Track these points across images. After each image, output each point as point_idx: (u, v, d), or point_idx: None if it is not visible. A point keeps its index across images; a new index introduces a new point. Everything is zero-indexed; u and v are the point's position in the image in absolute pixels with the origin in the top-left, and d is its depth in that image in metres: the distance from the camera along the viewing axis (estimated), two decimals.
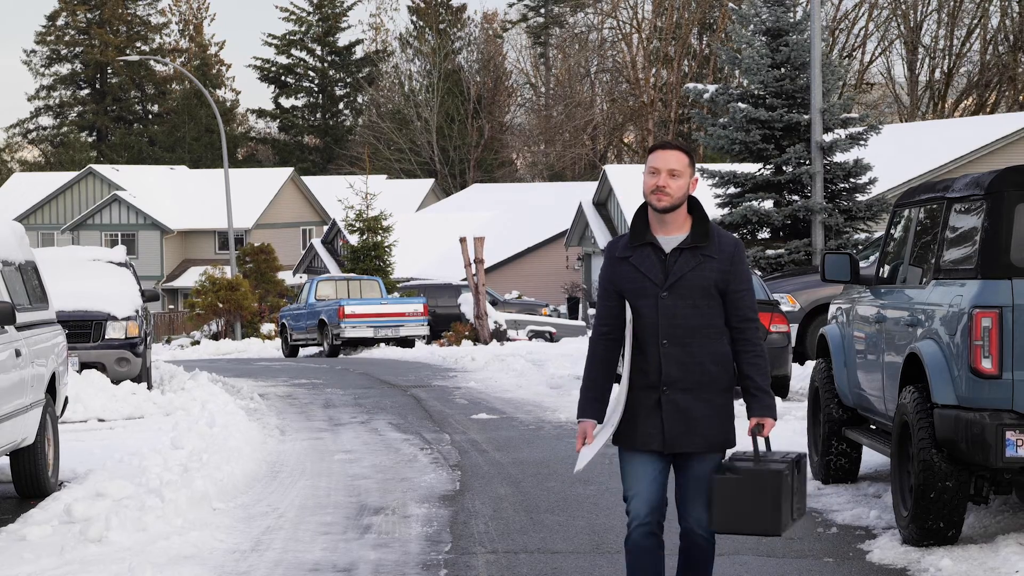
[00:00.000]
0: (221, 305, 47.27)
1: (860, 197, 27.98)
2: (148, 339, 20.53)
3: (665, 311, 6.47)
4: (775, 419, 6.55)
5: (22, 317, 11.87)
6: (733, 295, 6.54)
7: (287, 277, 58.94)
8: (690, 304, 6.47)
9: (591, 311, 48.92)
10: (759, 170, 28.45)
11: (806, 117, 27.25)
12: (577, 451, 6.65)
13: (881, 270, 11.04)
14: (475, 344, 34.89)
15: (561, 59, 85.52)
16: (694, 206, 6.59)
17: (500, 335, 36.90)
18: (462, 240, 37.59)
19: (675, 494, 6.72)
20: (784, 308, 20.51)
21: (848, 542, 9.72)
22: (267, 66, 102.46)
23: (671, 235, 6.55)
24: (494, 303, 43.64)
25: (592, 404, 6.64)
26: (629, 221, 6.90)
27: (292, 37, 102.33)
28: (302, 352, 38.83)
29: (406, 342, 36.39)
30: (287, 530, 10.45)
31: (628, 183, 50.72)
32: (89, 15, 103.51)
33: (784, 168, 27.96)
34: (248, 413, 18.20)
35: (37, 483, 12.09)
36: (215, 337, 48.23)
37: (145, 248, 77.67)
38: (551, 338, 41.85)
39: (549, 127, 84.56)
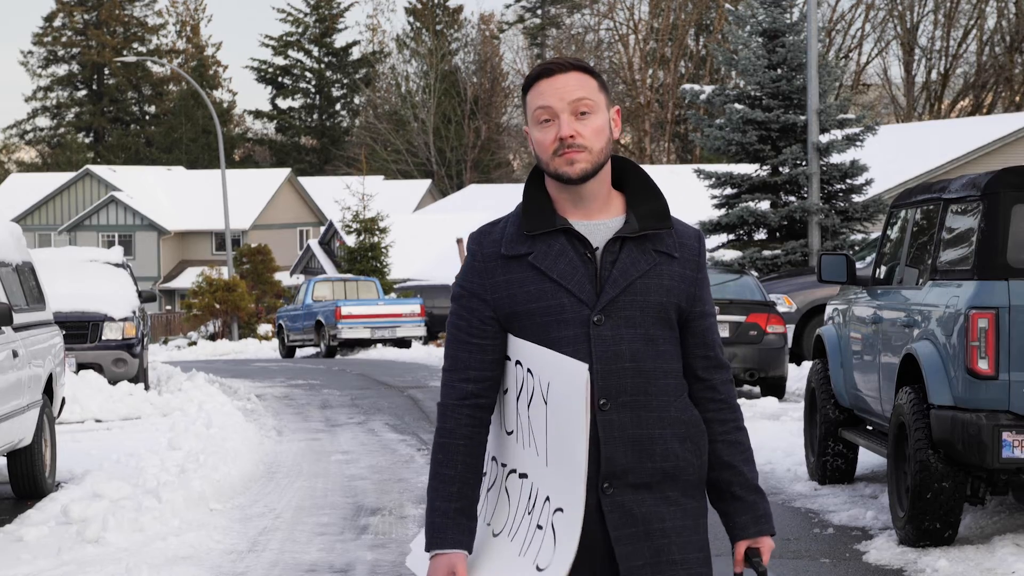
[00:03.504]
0: (218, 306, 47.28)
1: (856, 198, 28.00)
2: (145, 340, 20.55)
3: (602, 349, 3.64)
4: (774, 535, 3.87)
5: (19, 318, 11.88)
6: (699, 322, 3.79)
7: (284, 278, 58.91)
8: (641, 334, 3.67)
9: None
10: (756, 171, 28.47)
11: (802, 118, 27.27)
12: None
13: (878, 271, 11.06)
14: None
15: None
16: (626, 167, 3.81)
17: None
18: (459, 241, 37.60)
19: None
20: (781, 309, 20.53)
21: (845, 543, 9.72)
22: (264, 67, 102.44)
23: (595, 218, 3.72)
24: None
25: (456, 522, 3.69)
26: None
27: (289, 38, 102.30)
28: (299, 353, 38.83)
29: (403, 343, 36.39)
30: (284, 531, 10.46)
31: None
32: (86, 16, 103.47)
33: (780, 169, 27.98)
34: (245, 414, 18.21)
35: (34, 484, 12.10)
36: (212, 338, 48.23)
37: (142, 249, 77.66)
38: None
39: None
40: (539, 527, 3.65)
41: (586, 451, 3.57)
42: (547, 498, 3.64)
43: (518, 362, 3.70)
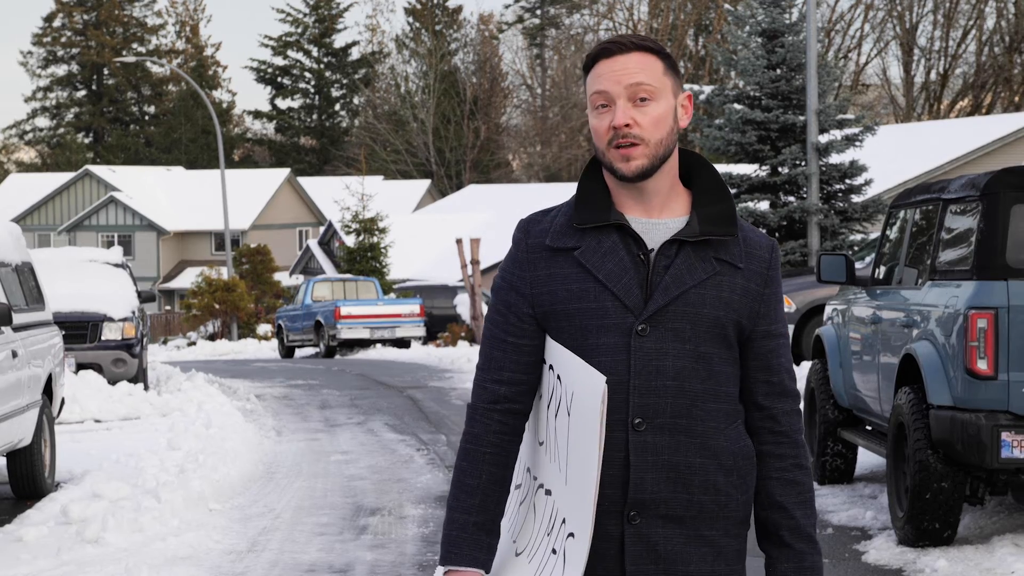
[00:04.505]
0: (217, 306, 47.28)
1: (856, 198, 28.00)
2: (144, 340, 20.56)
3: (643, 362, 3.27)
4: None
5: (19, 318, 11.88)
6: (763, 342, 3.39)
7: (283, 278, 58.93)
8: (690, 351, 3.30)
9: None
10: (755, 171, 28.47)
11: (802, 118, 27.28)
12: None
13: (877, 271, 11.06)
14: (471, 345, 34.90)
15: (557, 60, 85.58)
16: (694, 164, 3.43)
17: None
18: (458, 241, 37.60)
19: None
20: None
21: (844, 543, 9.73)
22: (263, 67, 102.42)
23: (655, 216, 3.35)
24: None
25: (474, 537, 3.37)
26: None
27: (288, 38, 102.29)
28: (298, 353, 38.83)
29: (402, 343, 36.40)
30: (283, 531, 10.46)
31: None
32: (86, 16, 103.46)
33: (780, 169, 27.98)
34: (244, 414, 18.21)
35: (34, 484, 12.10)
36: (211, 338, 48.24)
37: (141, 249, 77.66)
38: None
39: (545, 128, 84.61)
40: (554, 551, 3.32)
41: (597, 473, 3.21)
42: (563, 520, 3.31)
43: (551, 366, 3.35)
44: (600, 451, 3.21)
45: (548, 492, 3.37)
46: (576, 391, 3.26)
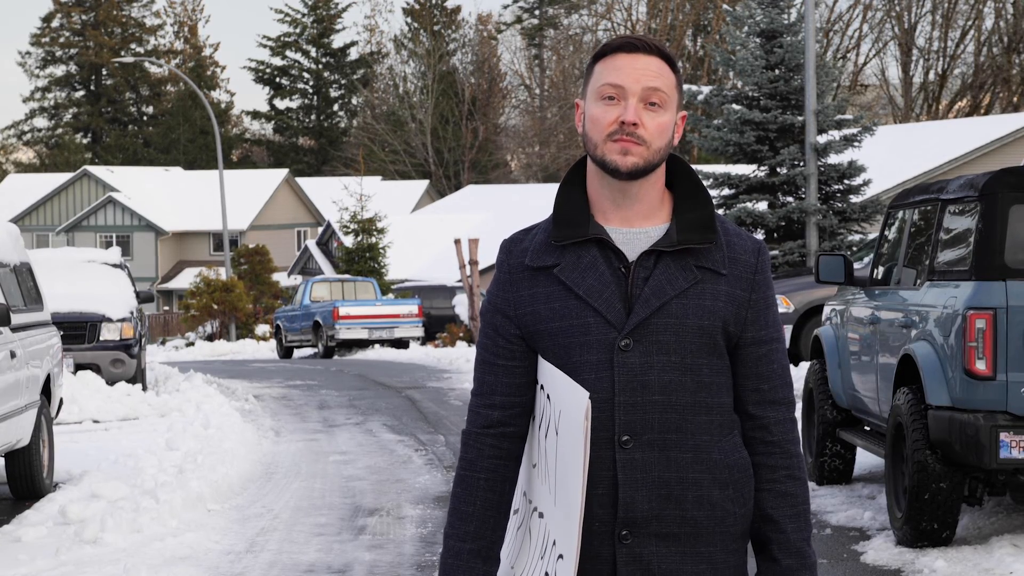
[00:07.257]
0: (216, 306, 47.28)
1: (854, 198, 28.01)
2: (143, 340, 20.56)
3: (627, 378, 3.20)
4: None
5: (17, 318, 11.88)
6: (752, 349, 3.29)
7: (282, 278, 58.91)
8: (676, 363, 3.21)
9: None
10: (753, 172, 28.48)
11: (800, 119, 27.29)
12: None
13: (875, 271, 11.06)
14: (470, 345, 34.90)
15: (555, 60, 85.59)
16: (675, 169, 3.34)
17: None
18: (456, 242, 37.58)
19: None
20: (779, 309, 20.52)
21: (842, 543, 9.73)
22: (262, 68, 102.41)
23: (635, 225, 3.27)
24: None
25: (470, 565, 3.31)
26: None
27: (287, 39, 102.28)
28: (297, 353, 38.83)
29: (401, 343, 36.40)
30: (282, 531, 10.46)
31: None
32: (84, 17, 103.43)
33: (778, 169, 27.99)
34: (243, 414, 18.21)
35: (32, 484, 12.10)
36: (210, 338, 48.22)
37: (140, 249, 77.64)
38: None
39: (543, 128, 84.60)
40: (547, 574, 3.24)
41: (583, 490, 3.13)
42: (554, 542, 3.23)
43: (542, 386, 3.29)
44: (585, 468, 3.12)
45: (541, 515, 3.30)
46: (563, 408, 3.20)
